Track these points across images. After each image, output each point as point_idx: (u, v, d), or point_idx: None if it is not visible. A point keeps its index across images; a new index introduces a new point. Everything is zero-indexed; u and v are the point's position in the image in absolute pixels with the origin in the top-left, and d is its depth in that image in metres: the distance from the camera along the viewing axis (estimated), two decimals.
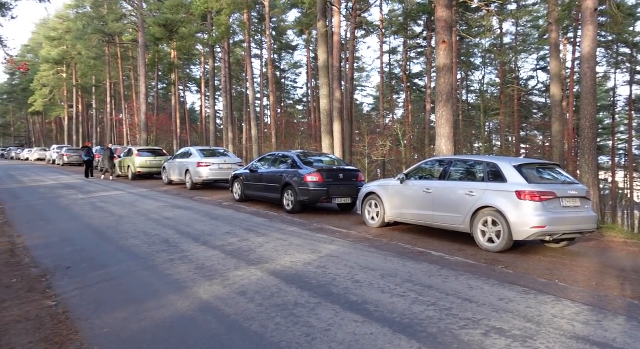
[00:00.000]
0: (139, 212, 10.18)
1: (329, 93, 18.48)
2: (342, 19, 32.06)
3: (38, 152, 43.86)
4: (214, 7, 23.34)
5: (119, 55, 41.64)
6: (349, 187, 10.09)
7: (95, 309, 4.25)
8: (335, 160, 11.77)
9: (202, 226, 8.50)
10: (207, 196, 13.48)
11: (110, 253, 6.47)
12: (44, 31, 50.18)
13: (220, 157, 15.44)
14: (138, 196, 13.36)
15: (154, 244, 6.94)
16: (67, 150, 33.14)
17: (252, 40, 46.90)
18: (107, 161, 19.59)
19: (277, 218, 9.58)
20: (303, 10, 35.84)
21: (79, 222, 9.02)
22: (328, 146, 16.93)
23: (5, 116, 77.83)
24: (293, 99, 60.79)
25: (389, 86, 45.10)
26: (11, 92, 65.65)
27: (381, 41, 39.61)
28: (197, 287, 4.89)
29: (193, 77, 57.38)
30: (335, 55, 21.32)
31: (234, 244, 6.99)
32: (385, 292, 4.71)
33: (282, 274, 5.37)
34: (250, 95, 26.03)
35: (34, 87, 50.31)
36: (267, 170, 11.23)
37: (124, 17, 33.24)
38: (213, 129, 29.49)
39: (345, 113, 29.12)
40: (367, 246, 7.02)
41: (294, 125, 45.72)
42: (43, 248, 6.83)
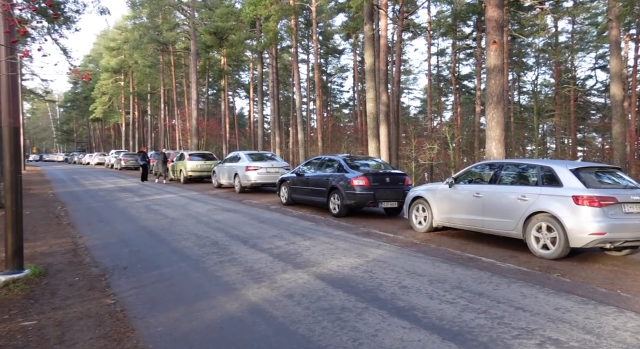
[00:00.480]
0: (190, 214, 10.51)
1: (375, 96, 18.40)
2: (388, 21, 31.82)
3: (98, 156, 46.21)
4: (263, 14, 23.82)
5: (172, 63, 43.29)
6: (395, 191, 9.98)
7: (150, 309, 4.42)
8: (381, 164, 11.68)
9: (250, 228, 8.66)
10: (255, 199, 13.73)
11: (164, 254, 6.71)
12: (104, 42, 52.97)
13: (267, 161, 15.69)
14: (189, 199, 13.80)
15: (204, 246, 7.13)
16: (124, 155, 34.70)
17: (299, 45, 47.53)
18: (161, 165, 20.35)
19: (323, 222, 9.61)
20: (350, 14, 35.89)
21: (135, 223, 9.42)
22: (374, 149, 16.85)
23: (69, 123, 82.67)
24: (339, 103, 60.97)
25: (436, 88, 44.33)
26: (74, 100, 69.65)
27: (429, 43, 39.01)
28: (246, 289, 4.98)
29: (242, 82, 58.77)
30: (382, 58, 21.20)
31: (281, 247, 7.07)
32: (434, 298, 4.62)
33: (329, 277, 5.38)
34: (296, 99, 26.31)
35: (95, 95, 53.18)
36: (313, 174, 11.30)
37: (177, 26, 34.54)
38: (261, 133, 30.02)
39: (391, 116, 28.86)
40: (414, 250, 6.91)
41: (340, 129, 45.79)
42: (102, 248, 7.18)
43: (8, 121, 5.39)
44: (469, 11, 31.05)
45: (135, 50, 35.68)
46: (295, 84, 26.19)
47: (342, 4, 30.18)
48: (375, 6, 19.85)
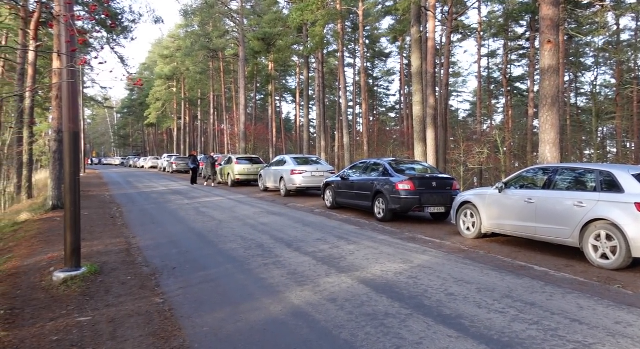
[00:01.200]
0: (236, 217, 10.71)
1: (422, 99, 18.10)
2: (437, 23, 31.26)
3: (151, 160, 48.06)
4: (309, 19, 24.02)
5: (221, 69, 44.47)
6: (442, 195, 9.74)
7: (196, 309, 4.52)
8: (428, 168, 11.44)
9: (294, 232, 8.71)
10: (300, 203, 13.81)
11: (211, 256, 6.86)
12: (158, 50, 55.23)
13: (312, 165, 15.76)
14: (236, 202, 14.08)
15: (249, 249, 7.24)
16: (175, 158, 35.89)
17: (345, 50, 47.60)
18: (210, 168, 20.91)
19: (368, 226, 9.53)
20: (396, 17, 35.59)
21: (184, 225, 9.70)
22: (421, 153, 16.56)
23: (125, 128, 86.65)
24: (385, 107, 60.51)
25: (487, 91, 43.09)
26: (130, 107, 72.96)
27: (479, 44, 38.01)
28: (289, 292, 5.00)
29: (289, 87, 59.50)
30: (429, 60, 20.84)
31: (325, 251, 7.06)
32: (482, 307, 4.45)
33: (373, 283, 5.31)
34: (342, 103, 26.33)
35: (149, 101, 55.47)
36: (358, 178, 11.23)
37: (226, 33, 35.46)
38: (306, 137, 30.23)
39: (439, 120, 28.26)
40: (461, 257, 6.71)
41: (386, 132, 45.38)
42: (153, 249, 7.43)
43: (68, 126, 5.69)
44: (522, 11, 29.96)
45: (187, 57, 36.96)
46: (341, 88, 26.20)
47: (389, 7, 30.00)
48: (423, 8, 19.56)
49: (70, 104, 5.69)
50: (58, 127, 12.01)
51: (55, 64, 12.91)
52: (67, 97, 5.68)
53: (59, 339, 3.78)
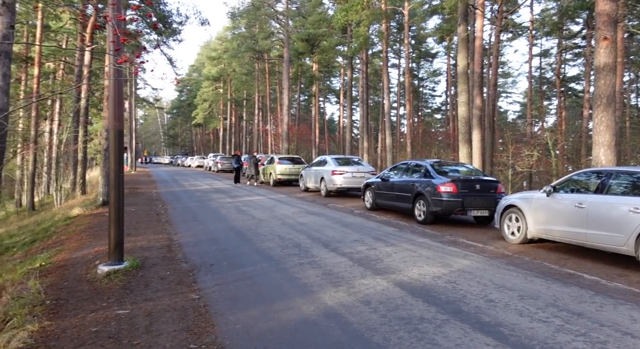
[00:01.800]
0: (276, 216, 10.78)
1: (467, 100, 17.60)
2: (485, 22, 30.35)
3: (198, 159, 49.34)
4: (354, 19, 23.89)
5: (266, 70, 45.09)
6: (486, 198, 9.41)
7: (230, 306, 4.55)
8: (472, 170, 11.09)
9: (332, 232, 8.66)
10: (340, 203, 13.75)
11: (248, 254, 6.92)
12: (206, 52, 56.73)
13: (353, 165, 15.65)
14: (276, 201, 14.19)
15: (286, 248, 7.25)
16: (220, 158, 36.68)
17: (390, 50, 47.11)
18: (253, 168, 21.21)
19: (407, 228, 9.34)
20: (443, 16, 34.86)
21: (224, 223, 9.86)
22: (466, 155, 16.09)
23: (174, 128, 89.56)
24: (431, 108, 59.43)
25: (538, 92, 41.43)
26: (179, 107, 75.33)
27: (530, 43, 36.57)
28: (323, 292, 4.95)
29: (332, 88, 59.57)
30: (477, 60, 20.24)
31: (362, 252, 6.97)
32: (524, 315, 4.24)
33: (409, 286, 5.17)
34: (385, 104, 26.05)
35: (197, 102, 57.06)
36: (398, 179, 11.04)
37: (271, 34, 35.92)
38: (349, 138, 30.12)
39: (486, 121, 27.45)
40: (504, 263, 6.43)
41: (430, 134, 44.55)
42: (193, 245, 7.59)
43: (114, 124, 5.89)
44: (578, 7, 28.59)
45: (234, 58, 37.70)
46: (385, 88, 25.93)
47: (435, 5, 29.40)
48: (471, 6, 19.02)
49: (115, 103, 5.89)
50: (109, 126, 12.52)
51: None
52: (113, 95, 5.88)
53: (97, 330, 3.90)
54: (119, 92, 5.92)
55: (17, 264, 6.74)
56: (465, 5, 17.94)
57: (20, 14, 25.77)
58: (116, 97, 5.87)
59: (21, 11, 25.59)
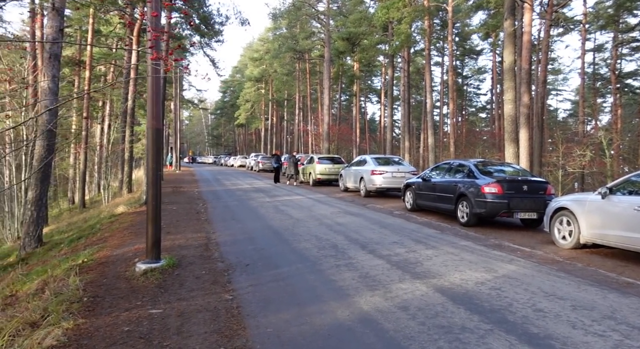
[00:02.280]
0: (313, 216, 10.66)
1: (514, 98, 16.87)
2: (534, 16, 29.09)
3: (240, 159, 50.08)
4: (395, 17, 23.51)
5: (307, 70, 45.22)
6: (534, 200, 8.91)
7: (263, 308, 4.45)
8: (519, 170, 10.55)
9: (370, 233, 8.44)
10: (380, 203, 13.48)
11: (284, 254, 6.82)
12: (249, 53, 57.60)
13: (394, 165, 15.33)
14: (315, 201, 14.08)
15: (323, 249, 7.10)
16: (261, 158, 37.03)
17: (433, 48, 46.15)
18: (293, 167, 21.23)
19: (449, 230, 8.99)
20: (489, 11, 33.80)
21: (262, 222, 9.84)
22: (512, 155, 15.41)
23: (218, 128, 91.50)
24: (475, 107, 57.81)
25: (591, 88, 39.44)
26: (222, 108, 76.92)
27: (583, 38, 34.82)
28: (359, 296, 4.77)
29: (374, 88, 59.05)
30: (525, 56, 19.43)
31: (401, 254, 6.72)
32: (577, 327, 3.90)
33: (450, 291, 4.91)
34: (427, 103, 25.47)
35: (239, 103, 58.01)
36: (440, 179, 10.67)
37: (312, 34, 35.95)
38: (389, 137, 29.69)
39: (535, 119, 26.36)
40: (554, 269, 6.02)
41: (475, 133, 43.28)
42: (230, 244, 7.57)
43: (152, 123, 5.94)
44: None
45: (275, 59, 38.03)
46: (427, 87, 25.36)
47: (480, 1, 28.51)
48: (518, 0, 18.27)
49: (153, 102, 5.93)
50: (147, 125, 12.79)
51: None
52: (151, 95, 5.92)
53: (129, 330, 3.88)
54: (157, 91, 5.96)
55: (62, 260, 6.93)
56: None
57: (72, 19, 27.01)
58: (154, 96, 5.91)
59: (74, 17, 26.80)
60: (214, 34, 20.74)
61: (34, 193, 9.13)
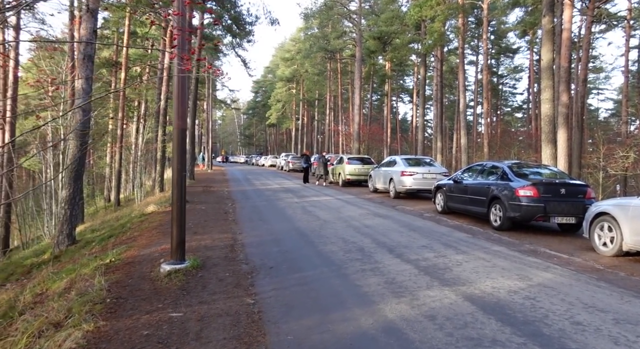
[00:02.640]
0: (341, 218, 10.51)
1: (552, 97, 16.24)
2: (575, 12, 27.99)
3: (270, 159, 50.37)
4: (428, 15, 23.08)
5: (339, 70, 45.07)
6: (572, 204, 8.49)
7: (284, 314, 4.34)
8: (556, 173, 10.10)
9: (399, 236, 8.23)
10: (409, 205, 13.19)
11: (309, 257, 6.70)
12: (280, 53, 57.93)
13: (424, 166, 15.00)
14: (344, 202, 13.91)
15: (349, 252, 6.95)
16: (292, 157, 37.10)
17: (467, 46, 45.13)
18: (322, 167, 21.12)
19: (481, 235, 8.66)
20: (526, 8, 32.77)
21: (289, 224, 9.76)
22: (549, 156, 14.82)
23: (249, 128, 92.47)
24: (511, 106, 56.25)
25: (635, 87, 37.71)
26: (254, 108, 77.69)
27: (627, 35, 33.24)
28: (384, 303, 4.60)
29: (406, 87, 58.31)
30: (564, 54, 18.69)
31: (429, 259, 6.49)
32: (620, 343, 3.62)
33: (480, 300, 4.67)
34: (461, 103, 24.90)
35: (271, 103, 58.40)
36: (472, 181, 10.32)
37: (344, 34, 35.78)
38: (421, 138, 29.21)
39: (574, 119, 25.39)
40: (594, 278, 5.68)
41: (510, 134, 42.06)
42: (256, 246, 7.51)
43: (177, 123, 5.92)
44: None
45: (306, 59, 38.08)
46: (461, 86, 24.79)
47: None
48: None
49: (179, 102, 5.91)
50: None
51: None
52: (177, 94, 5.91)
53: (148, 334, 3.83)
54: (182, 90, 5.94)
55: (92, 259, 7.02)
56: None
57: (110, 22, 27.75)
58: (180, 95, 5.90)
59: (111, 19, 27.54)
60: (245, 34, 20.89)
61: (67, 192, 9.33)
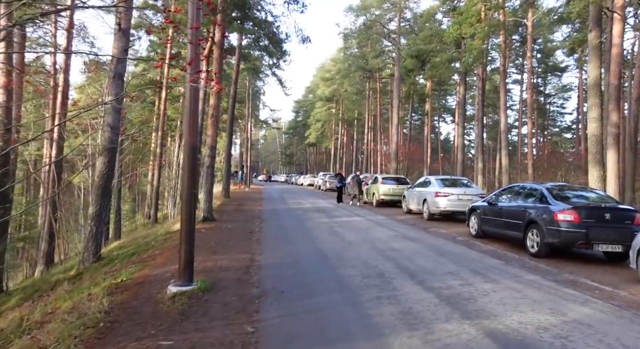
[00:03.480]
0: (367, 239, 10.10)
1: (599, 116, 15.31)
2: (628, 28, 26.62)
3: (309, 178, 50.41)
4: (468, 33, 22.58)
5: (378, 89, 44.89)
6: (618, 230, 7.74)
7: (283, 345, 4.08)
8: (602, 197, 9.31)
9: (424, 261, 7.74)
10: (443, 228, 12.58)
11: (324, 281, 6.37)
12: (320, 73, 58.44)
13: (460, 187, 14.36)
14: (374, 223, 13.47)
15: (368, 277, 6.55)
16: (329, 177, 36.89)
17: (512, 65, 43.89)
18: (357, 187, 20.74)
19: (515, 261, 8.02)
20: (574, 25, 31.59)
21: (312, 245, 9.45)
22: (596, 178, 13.86)
23: (290, 148, 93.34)
24: (560, 127, 53.98)
25: None
26: (295, 127, 78.44)
27: None
28: (394, 336, 4.20)
29: (448, 107, 57.22)
30: (613, 70, 17.66)
31: (453, 287, 6.00)
32: None
33: (503, 337, 4.18)
34: (502, 122, 24.03)
35: (310, 122, 58.77)
36: (508, 203, 9.69)
37: (382, 53, 35.67)
38: (460, 158, 28.33)
39: (627, 140, 23.92)
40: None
41: (558, 155, 40.20)
42: (273, 268, 7.24)
43: (188, 139, 5.81)
44: None
45: (345, 78, 38.13)
46: (502, 105, 23.96)
47: (562, 13, 26.66)
48: (606, 9, 16.75)
49: (190, 118, 5.80)
50: (212, 144, 13.00)
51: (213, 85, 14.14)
52: (188, 110, 5.80)
53: None
54: (194, 105, 5.83)
55: (107, 277, 6.95)
56: (598, 8, 15.83)
57: (156, 44, 28.88)
58: (191, 110, 5.79)
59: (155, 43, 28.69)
60: (281, 54, 21.10)
61: (93, 208, 9.44)
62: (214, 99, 13.27)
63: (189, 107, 5.81)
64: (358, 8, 33.41)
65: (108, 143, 9.55)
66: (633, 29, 29.47)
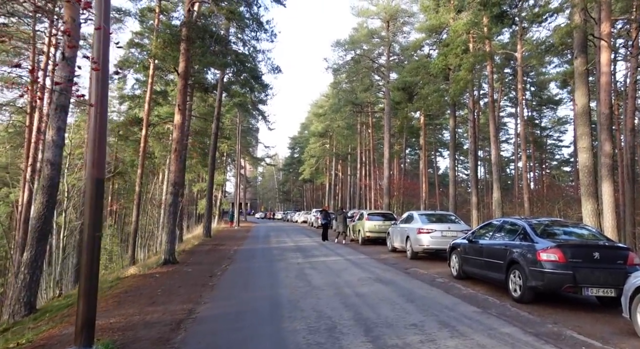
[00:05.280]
0: (335, 284, 9.07)
1: (590, 145, 14.51)
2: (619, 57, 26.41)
3: (303, 215, 49.35)
4: (453, 63, 22.16)
5: (370, 124, 44.49)
6: (610, 272, 6.75)
7: None
8: (593, 233, 8.30)
9: (389, 310, 6.71)
10: (424, 268, 11.51)
11: (260, 339, 5.39)
12: (314, 109, 58.34)
13: (445, 223, 13.38)
14: (351, 263, 12.40)
15: (314, 332, 5.55)
16: (320, 213, 35.87)
17: (506, 98, 43.60)
18: (342, 224, 19.74)
19: (495, 308, 6.96)
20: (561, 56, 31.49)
21: (272, 291, 8.45)
22: (590, 212, 12.88)
23: (286, 184, 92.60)
24: (558, 160, 53.26)
25: None
26: (291, 164, 77.84)
27: None
28: None
29: (444, 141, 56.75)
30: (603, 99, 17.01)
31: (411, 345, 4.99)
32: None
33: None
34: (492, 154, 23.28)
35: (304, 158, 58.18)
36: (489, 241, 8.72)
37: (370, 87, 35.36)
38: (452, 192, 27.41)
39: (625, 171, 23.14)
40: None
41: (556, 188, 39.21)
42: (209, 322, 6.27)
43: (91, 172, 4.97)
44: None
45: (336, 113, 37.66)
46: (491, 137, 23.27)
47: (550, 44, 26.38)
48: (591, 35, 16.26)
49: (95, 148, 4.96)
50: (175, 180, 12.15)
51: (176, 118, 13.43)
52: (92, 138, 4.97)
53: None
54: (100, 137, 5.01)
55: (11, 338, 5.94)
56: (583, 34, 15.34)
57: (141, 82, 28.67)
58: (97, 142, 4.97)
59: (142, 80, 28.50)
60: (261, 87, 20.60)
61: (28, 254, 8.50)
62: (177, 132, 12.49)
63: (93, 134, 5.00)
64: (346, 42, 33.34)
65: (47, 181, 8.72)
66: (623, 60, 29.23)
